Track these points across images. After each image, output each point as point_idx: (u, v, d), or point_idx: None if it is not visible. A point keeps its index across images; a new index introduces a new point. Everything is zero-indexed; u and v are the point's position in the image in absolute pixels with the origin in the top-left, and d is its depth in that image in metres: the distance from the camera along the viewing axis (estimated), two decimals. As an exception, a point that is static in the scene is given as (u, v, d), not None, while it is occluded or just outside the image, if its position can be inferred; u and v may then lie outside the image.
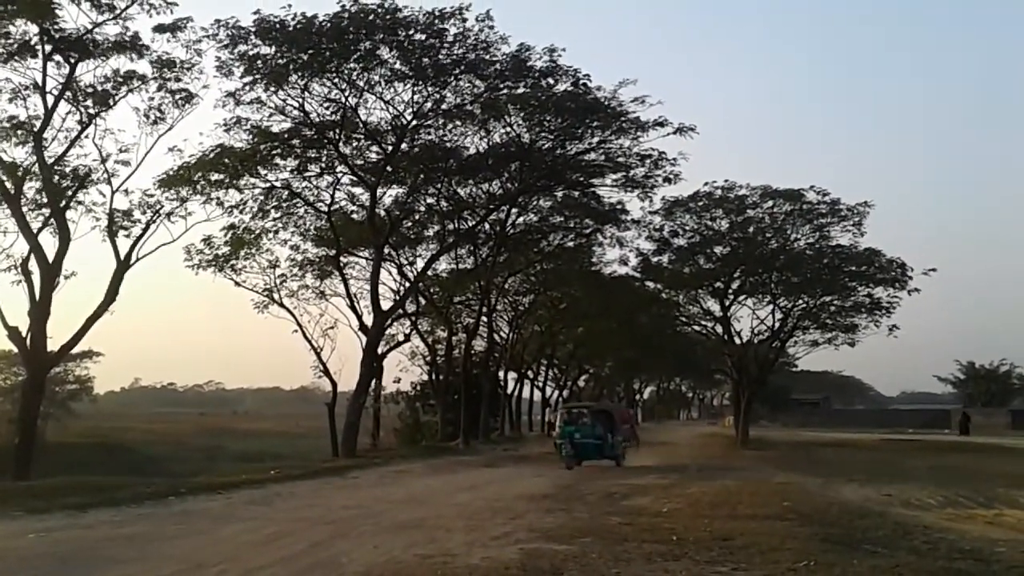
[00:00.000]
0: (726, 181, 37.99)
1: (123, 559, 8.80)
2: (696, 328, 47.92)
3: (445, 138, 30.13)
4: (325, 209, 31.06)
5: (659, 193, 34.20)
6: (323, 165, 29.86)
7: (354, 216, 33.85)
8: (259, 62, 25.00)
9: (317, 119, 27.41)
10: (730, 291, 41.43)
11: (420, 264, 36.84)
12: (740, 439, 41.67)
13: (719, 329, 43.77)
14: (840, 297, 40.34)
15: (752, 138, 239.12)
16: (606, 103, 28.67)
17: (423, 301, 40.20)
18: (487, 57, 26.32)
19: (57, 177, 23.88)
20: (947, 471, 22.67)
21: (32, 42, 21.80)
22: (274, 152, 28.21)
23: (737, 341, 43.53)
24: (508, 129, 30.04)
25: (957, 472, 22.39)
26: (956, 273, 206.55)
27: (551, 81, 27.67)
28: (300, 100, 26.61)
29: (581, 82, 27.73)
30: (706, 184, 38.16)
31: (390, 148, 28.99)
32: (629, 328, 51.47)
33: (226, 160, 26.80)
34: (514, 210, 36.11)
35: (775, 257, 39.04)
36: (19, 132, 23.42)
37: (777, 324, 42.17)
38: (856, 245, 38.45)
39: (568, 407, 28.13)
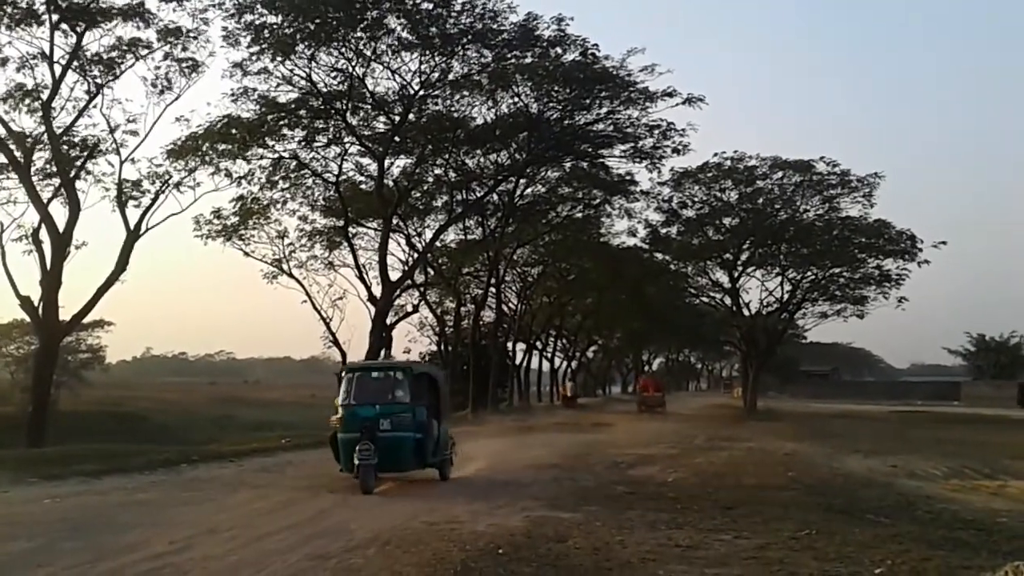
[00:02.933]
0: (735, 152, 38.01)
1: (136, 524, 8.94)
2: (705, 299, 47.96)
3: (453, 108, 30.03)
4: (333, 180, 31.05)
5: (668, 164, 34.10)
6: (331, 135, 29.78)
7: (362, 187, 33.81)
8: (265, 31, 24.91)
9: (324, 89, 27.32)
10: (739, 262, 41.38)
11: (428, 235, 36.89)
12: (748, 410, 41.81)
13: (728, 300, 43.84)
14: (849, 269, 40.27)
15: (762, 109, 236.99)
16: (615, 73, 28.50)
17: (432, 272, 40.26)
18: (494, 26, 26.19)
19: (66, 147, 23.97)
20: (954, 443, 22.72)
21: (39, 11, 21.79)
22: (281, 122, 28.14)
23: (746, 313, 43.58)
24: (516, 99, 29.95)
25: (964, 444, 22.44)
26: (967, 244, 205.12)
27: (559, 51, 27.58)
28: (307, 70, 26.51)
29: (589, 52, 27.66)
30: (715, 155, 38.17)
31: (397, 118, 28.88)
32: (638, 299, 51.50)
33: (233, 130, 26.77)
34: (522, 181, 36.01)
35: (784, 228, 38.97)
36: (27, 101, 23.50)
37: (786, 296, 42.24)
38: (866, 216, 38.42)
39: (359, 367, 14.81)
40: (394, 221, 33.00)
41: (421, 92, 27.94)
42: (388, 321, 33.51)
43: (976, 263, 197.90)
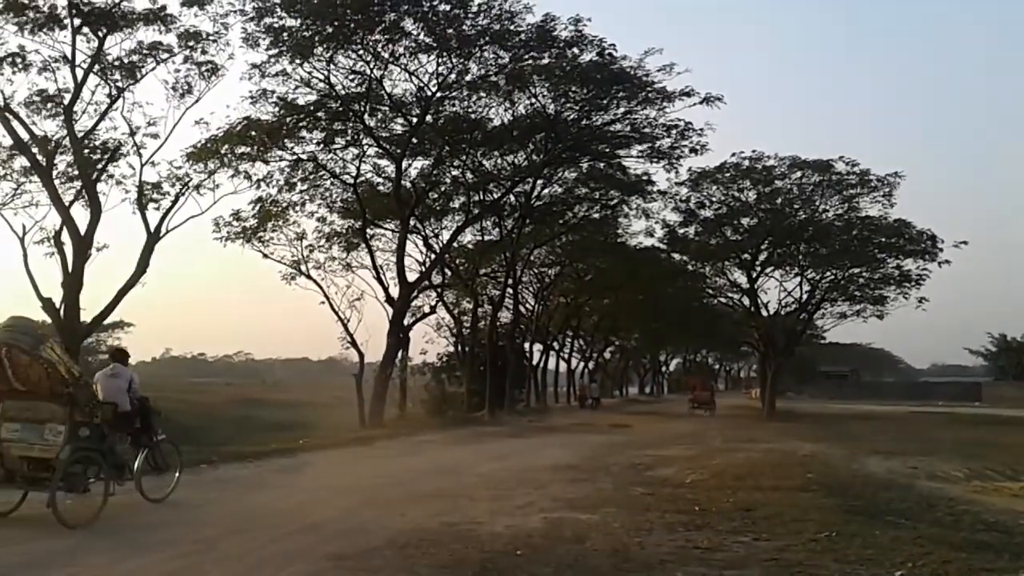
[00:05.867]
0: (754, 151, 37.86)
1: (160, 524, 9.03)
2: (723, 300, 47.82)
3: (470, 109, 30.10)
4: (351, 181, 31.17)
5: (685, 164, 34.07)
6: (349, 137, 29.92)
7: (380, 188, 33.96)
8: (285, 34, 25.07)
9: (342, 91, 27.48)
10: (757, 263, 41.19)
11: (446, 236, 36.97)
12: (766, 411, 41.60)
13: (746, 301, 43.65)
14: (869, 269, 39.99)
15: (781, 109, 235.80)
16: (632, 73, 28.48)
17: (449, 273, 40.32)
18: (511, 27, 26.23)
19: (87, 150, 24.16)
20: (975, 444, 22.52)
21: (60, 15, 22.00)
22: (300, 125, 28.29)
23: (764, 313, 43.36)
24: (533, 100, 29.98)
25: (985, 445, 22.24)
26: (989, 244, 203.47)
27: (576, 51, 27.59)
28: (325, 72, 26.67)
29: (607, 52, 27.65)
30: (733, 155, 38.04)
31: (415, 120, 29.00)
32: (655, 300, 51.41)
33: (253, 133, 26.94)
34: (539, 182, 36.01)
35: (803, 228, 38.74)
36: (49, 105, 23.71)
37: (805, 296, 41.97)
38: (886, 216, 38.13)
39: None
40: (411, 222, 33.10)
41: (438, 94, 28.06)
42: (405, 322, 33.62)
43: (998, 263, 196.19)
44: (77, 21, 22.00)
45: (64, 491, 8.73)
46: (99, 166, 24.40)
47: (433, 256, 36.39)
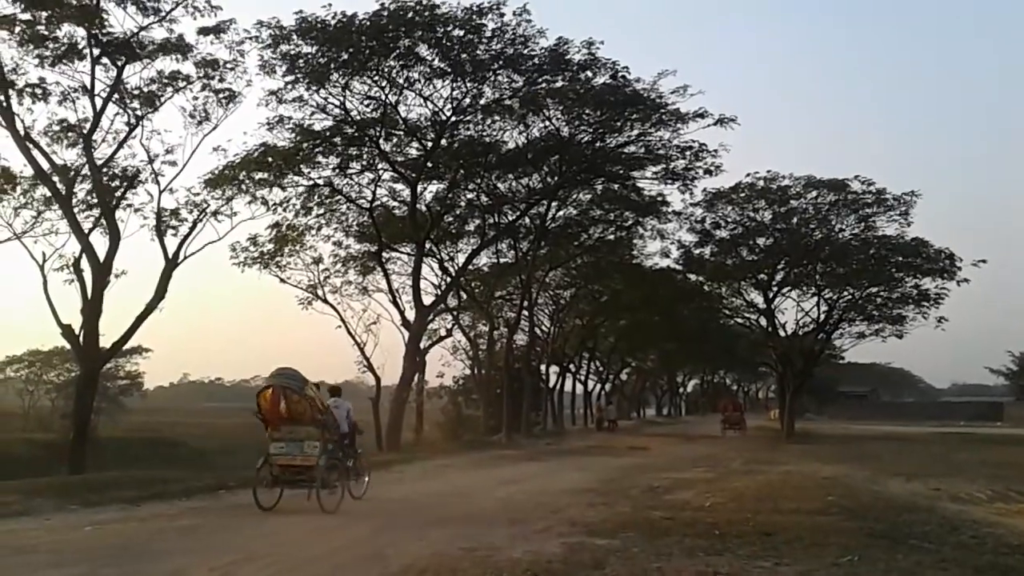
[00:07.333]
0: (768, 172, 37.66)
1: (176, 551, 9.02)
2: (739, 320, 47.51)
3: (484, 133, 30.26)
4: (367, 205, 31.38)
5: (700, 185, 34.04)
6: (364, 162, 30.17)
7: (395, 212, 34.15)
8: (300, 61, 25.37)
9: (358, 116, 27.72)
10: (774, 283, 40.99)
11: (461, 259, 37.07)
12: (785, 432, 41.25)
13: (763, 321, 43.38)
14: (887, 288, 39.67)
15: (795, 128, 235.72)
16: (645, 95, 28.57)
17: (464, 296, 40.39)
18: (525, 51, 26.41)
19: (106, 178, 24.44)
20: (998, 465, 22.20)
21: (80, 45, 22.36)
22: (316, 150, 28.55)
23: (781, 333, 43.10)
24: (547, 123, 30.10)
25: (1008, 466, 21.92)
26: (1010, 261, 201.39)
27: (589, 74, 27.72)
28: (341, 98, 26.93)
29: (620, 74, 27.75)
30: (748, 175, 37.90)
31: (430, 144, 29.18)
32: (671, 321, 51.21)
33: (269, 159, 27.19)
34: (554, 204, 36.09)
35: (819, 248, 38.53)
36: (69, 134, 24.04)
37: (822, 316, 41.65)
38: (903, 235, 37.85)
39: None
40: (427, 245, 33.23)
41: (453, 118, 28.24)
42: (422, 345, 33.66)
43: (1019, 280, 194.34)
44: (96, 51, 22.35)
45: (322, 488, 12.08)
46: (118, 194, 24.68)
47: (449, 279, 36.50)
